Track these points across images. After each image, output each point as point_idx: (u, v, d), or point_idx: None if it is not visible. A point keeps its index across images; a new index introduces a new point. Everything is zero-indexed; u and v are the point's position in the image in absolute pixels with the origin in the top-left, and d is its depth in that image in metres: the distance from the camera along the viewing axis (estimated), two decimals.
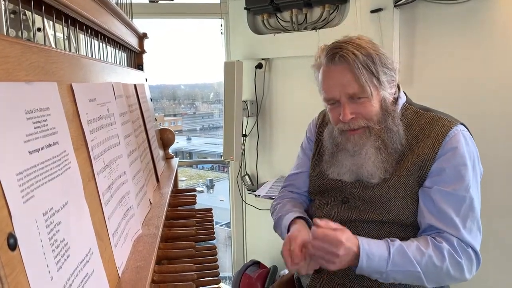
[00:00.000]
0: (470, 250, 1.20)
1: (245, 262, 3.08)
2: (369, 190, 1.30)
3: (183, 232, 1.30)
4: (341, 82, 1.23)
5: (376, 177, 1.27)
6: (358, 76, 1.21)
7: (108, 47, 1.43)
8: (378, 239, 1.25)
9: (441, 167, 1.23)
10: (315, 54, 1.33)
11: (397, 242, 1.19)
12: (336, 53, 1.23)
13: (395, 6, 2.25)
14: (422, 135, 1.28)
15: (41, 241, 0.51)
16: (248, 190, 3.15)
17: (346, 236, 1.14)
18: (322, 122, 1.51)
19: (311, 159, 1.50)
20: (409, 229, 1.28)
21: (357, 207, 1.31)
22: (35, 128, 0.56)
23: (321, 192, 1.43)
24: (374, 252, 1.16)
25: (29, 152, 0.53)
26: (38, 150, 0.55)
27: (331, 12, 2.59)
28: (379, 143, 1.27)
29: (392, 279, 1.18)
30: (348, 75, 1.22)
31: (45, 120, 0.59)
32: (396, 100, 1.34)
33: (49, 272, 0.52)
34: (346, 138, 1.31)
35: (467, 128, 1.30)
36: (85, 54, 1.17)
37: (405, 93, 1.40)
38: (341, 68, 1.23)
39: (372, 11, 2.31)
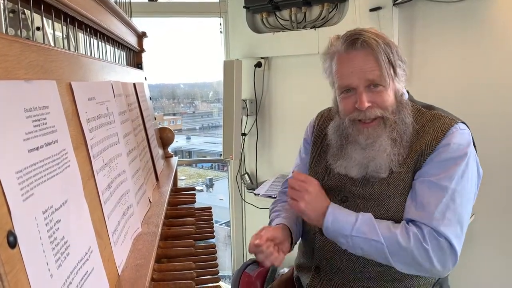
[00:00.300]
0: (442, 240, 1.16)
1: (245, 261, 3.08)
2: (368, 188, 1.28)
3: (183, 231, 1.30)
4: (362, 67, 1.21)
5: (386, 170, 1.25)
6: (381, 62, 1.19)
7: (107, 46, 1.43)
8: None
9: (431, 160, 1.22)
10: (328, 44, 1.30)
11: (369, 214, 1.21)
12: (358, 39, 1.21)
13: (394, 4, 2.25)
14: (423, 132, 1.26)
15: (40, 239, 0.52)
16: (247, 189, 3.15)
17: (320, 189, 1.25)
18: (321, 123, 1.49)
19: (309, 160, 1.49)
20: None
21: (356, 206, 1.29)
22: (34, 126, 0.56)
23: None
24: (343, 213, 1.21)
25: (28, 151, 0.53)
26: (37, 149, 0.56)
27: (330, 10, 2.59)
28: (395, 134, 1.24)
29: (358, 248, 1.19)
30: (371, 60, 1.20)
31: (45, 119, 0.59)
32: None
33: (49, 270, 0.52)
34: (357, 130, 1.27)
35: (467, 127, 1.29)
36: (84, 53, 1.17)
37: (407, 91, 1.39)
38: (364, 53, 1.21)
39: (371, 10, 2.31)
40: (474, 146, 1.29)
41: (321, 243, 1.34)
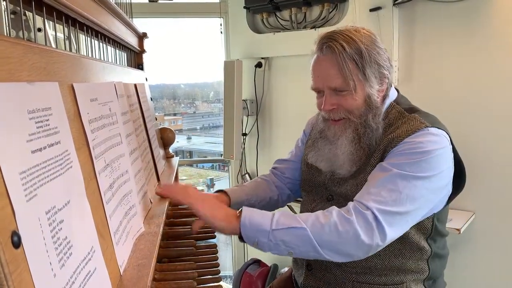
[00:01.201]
0: (368, 212, 1.10)
1: (246, 261, 3.09)
2: (343, 188, 1.32)
3: (184, 231, 1.31)
4: (326, 74, 1.25)
5: (344, 168, 1.29)
6: (342, 68, 1.22)
7: (108, 47, 1.44)
8: None
9: (390, 153, 1.21)
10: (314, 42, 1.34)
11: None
12: (325, 43, 1.25)
13: (394, 4, 2.26)
14: (391, 132, 1.25)
15: (44, 239, 0.52)
16: None
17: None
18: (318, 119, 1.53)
19: (304, 153, 1.53)
20: None
21: (341, 204, 1.30)
22: (37, 127, 0.57)
23: (310, 188, 1.46)
24: (257, 211, 1.16)
25: (31, 152, 0.54)
26: (40, 150, 0.56)
27: (330, 10, 2.59)
28: (354, 135, 1.28)
29: (281, 242, 1.10)
30: (333, 67, 1.23)
31: (47, 120, 0.60)
32: (383, 98, 1.31)
33: (52, 269, 0.53)
34: (327, 126, 1.34)
35: (446, 134, 1.23)
36: (85, 54, 1.18)
37: (397, 91, 1.38)
38: (327, 59, 1.25)
39: (371, 10, 2.31)
40: (456, 156, 1.25)
41: None
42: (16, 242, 0.46)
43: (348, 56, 1.21)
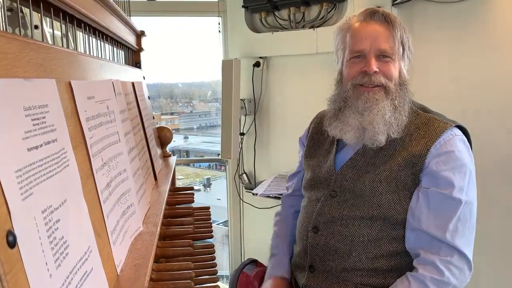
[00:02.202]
0: (455, 256, 1.18)
1: (243, 261, 3.08)
2: (360, 183, 1.29)
3: (181, 231, 1.30)
4: (377, 36, 1.27)
5: (384, 134, 1.26)
6: (395, 36, 1.26)
7: (106, 45, 1.43)
8: (369, 236, 1.26)
9: (437, 169, 1.21)
10: (344, 20, 1.37)
11: None
12: (377, 11, 1.28)
13: (393, 4, 2.25)
14: (417, 134, 1.27)
15: (40, 238, 0.51)
16: (245, 189, 3.15)
17: None
18: (319, 120, 1.51)
19: (304, 152, 1.52)
20: (401, 226, 1.26)
21: (347, 201, 1.30)
22: (33, 125, 0.56)
23: (312, 186, 1.43)
24: None
25: (27, 149, 0.53)
26: (36, 147, 0.55)
27: (329, 10, 2.59)
28: (397, 102, 1.28)
29: None
30: (386, 32, 1.27)
31: (44, 117, 0.59)
32: None
33: (48, 269, 0.52)
34: (358, 93, 1.29)
35: (464, 131, 1.30)
36: (83, 52, 1.17)
37: None
38: (380, 24, 1.28)
39: None
40: (470, 146, 1.31)
41: (313, 241, 1.35)
42: (11, 241, 0.45)
43: (400, 27, 1.28)
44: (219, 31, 3.14)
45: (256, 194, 2.78)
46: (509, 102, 2.04)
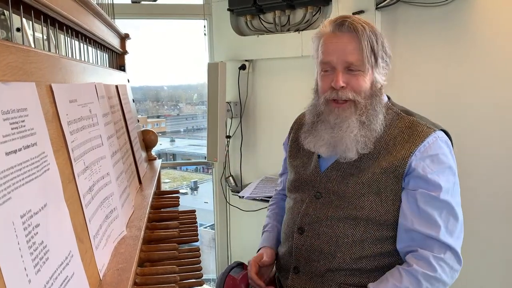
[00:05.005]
0: (448, 253, 1.22)
1: (229, 264, 3.07)
2: (343, 185, 1.31)
3: (166, 234, 1.29)
4: (344, 48, 1.25)
5: (353, 151, 1.28)
6: (362, 47, 1.24)
7: (89, 48, 1.41)
8: (353, 237, 1.28)
9: (424, 172, 1.23)
10: (320, 27, 1.35)
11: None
12: (346, 21, 1.26)
13: (376, 8, 2.28)
14: (401, 138, 1.29)
15: (18, 243, 0.51)
16: (232, 192, 3.15)
17: None
18: (300, 121, 1.53)
19: (288, 153, 1.54)
20: (384, 227, 1.28)
21: (332, 202, 1.32)
22: (12, 129, 0.55)
23: (296, 188, 1.44)
24: None
25: (6, 154, 0.52)
26: (15, 151, 0.54)
27: (313, 14, 2.61)
28: (364, 117, 1.28)
29: None
30: (353, 43, 1.25)
31: (23, 121, 0.58)
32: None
33: (27, 275, 0.51)
34: (329, 109, 1.31)
35: (447, 134, 1.32)
36: (65, 55, 1.16)
37: (387, 95, 1.41)
38: (348, 36, 1.26)
39: (354, 13, 2.33)
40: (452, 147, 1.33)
41: (298, 242, 1.36)
42: None
43: (367, 36, 1.25)
44: (205, 34, 3.14)
45: (243, 197, 2.78)
46: (493, 101, 2.08)
